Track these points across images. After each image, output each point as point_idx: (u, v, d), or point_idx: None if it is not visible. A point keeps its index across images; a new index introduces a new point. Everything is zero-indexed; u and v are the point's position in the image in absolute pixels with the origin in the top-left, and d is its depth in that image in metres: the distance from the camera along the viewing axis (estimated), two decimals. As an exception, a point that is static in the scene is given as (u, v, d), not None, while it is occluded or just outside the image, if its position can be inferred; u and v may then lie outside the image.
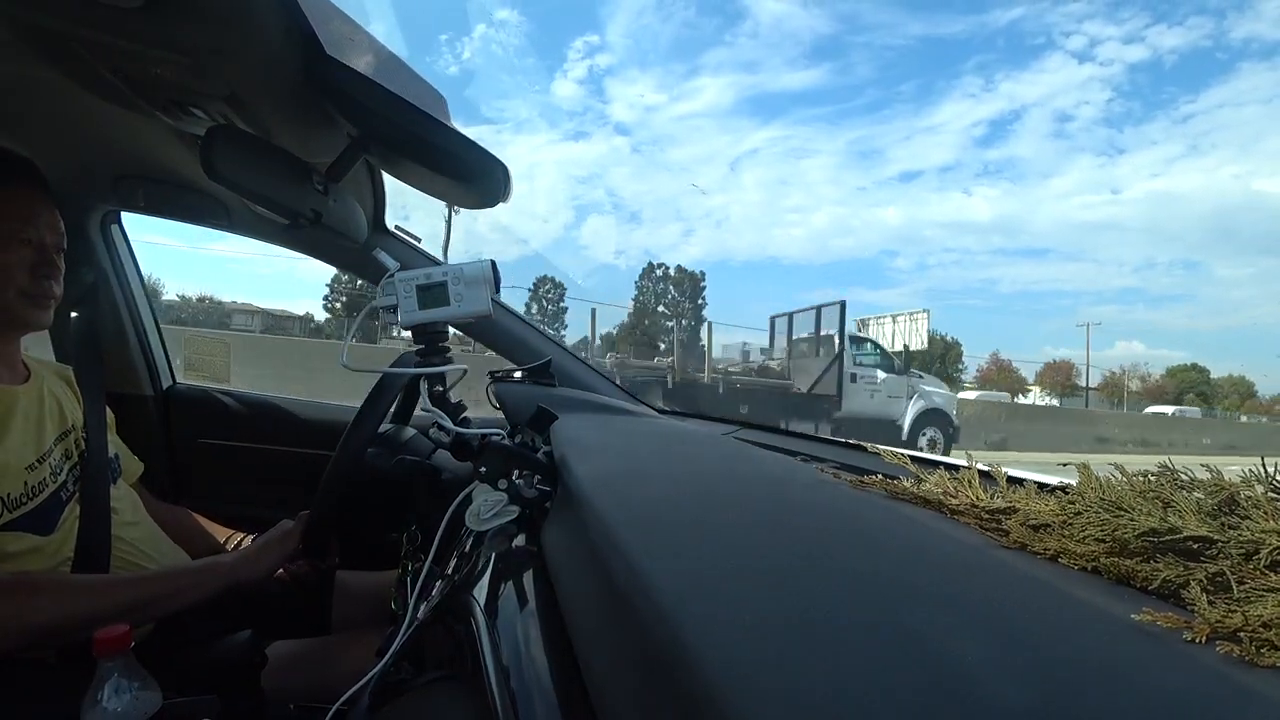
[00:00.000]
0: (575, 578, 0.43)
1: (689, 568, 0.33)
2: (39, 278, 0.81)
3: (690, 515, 0.45)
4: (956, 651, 0.25)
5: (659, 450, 0.79)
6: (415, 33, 41.45)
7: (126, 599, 0.73)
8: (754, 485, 0.60)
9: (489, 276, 0.73)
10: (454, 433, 0.70)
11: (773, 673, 0.23)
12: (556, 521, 0.57)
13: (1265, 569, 0.32)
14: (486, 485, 0.66)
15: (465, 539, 0.72)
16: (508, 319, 1.32)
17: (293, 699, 0.80)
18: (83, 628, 0.64)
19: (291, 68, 0.70)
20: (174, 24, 0.62)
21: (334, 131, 0.84)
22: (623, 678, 0.30)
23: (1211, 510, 0.37)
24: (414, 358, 0.76)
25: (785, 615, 0.27)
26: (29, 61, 0.77)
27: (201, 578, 0.80)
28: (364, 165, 1.09)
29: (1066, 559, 0.40)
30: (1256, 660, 0.27)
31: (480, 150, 0.80)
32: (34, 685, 0.68)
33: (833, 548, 0.40)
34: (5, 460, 0.74)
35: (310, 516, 0.91)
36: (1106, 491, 0.43)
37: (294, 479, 1.40)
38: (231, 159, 0.72)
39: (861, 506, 0.53)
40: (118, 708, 0.52)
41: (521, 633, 0.47)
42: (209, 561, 0.84)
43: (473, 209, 0.95)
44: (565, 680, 0.37)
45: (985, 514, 0.49)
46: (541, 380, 1.15)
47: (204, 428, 1.50)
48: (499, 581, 0.56)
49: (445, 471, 1.00)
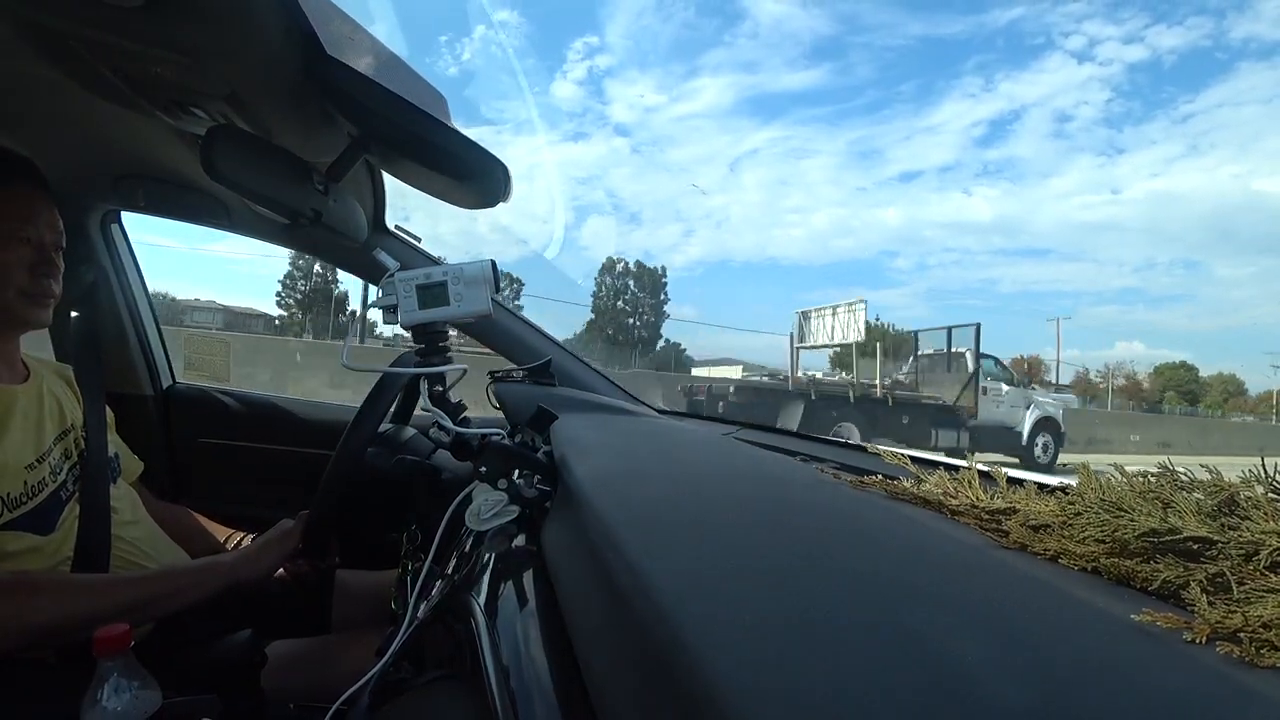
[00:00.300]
0: (575, 577, 0.43)
1: (689, 567, 0.33)
2: (38, 276, 0.81)
3: (690, 515, 0.45)
4: (956, 652, 0.25)
5: (659, 450, 0.79)
6: (415, 33, 41.39)
7: (127, 598, 0.73)
8: (754, 485, 0.60)
9: (489, 276, 0.73)
10: (454, 432, 0.70)
11: (773, 673, 0.23)
12: (556, 521, 0.57)
13: (1265, 570, 0.32)
14: (486, 485, 0.66)
15: (465, 539, 0.72)
16: (508, 319, 1.32)
17: (293, 698, 0.80)
18: (83, 627, 0.64)
19: (292, 67, 0.70)
20: (174, 24, 0.62)
21: (334, 131, 0.84)
22: (623, 678, 0.30)
23: (1211, 511, 0.37)
24: (414, 357, 0.76)
25: (785, 615, 0.27)
26: (30, 61, 0.77)
27: (202, 577, 0.80)
28: (364, 165, 1.09)
29: (1066, 559, 0.40)
30: (1256, 661, 0.27)
31: (480, 150, 0.80)
32: (34, 685, 0.68)
33: (833, 548, 0.40)
34: (4, 460, 0.74)
35: (310, 516, 0.91)
36: (1106, 492, 0.43)
37: (294, 478, 1.40)
38: (232, 158, 0.72)
39: (861, 506, 0.53)
40: (117, 707, 0.52)
41: (521, 632, 0.47)
42: (209, 561, 0.84)
43: (473, 209, 0.95)
44: (565, 680, 0.37)
45: (985, 514, 0.49)
46: (541, 380, 1.15)
47: (204, 427, 1.50)
48: (499, 581, 0.56)
49: (445, 471, 1.00)
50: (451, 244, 30.30)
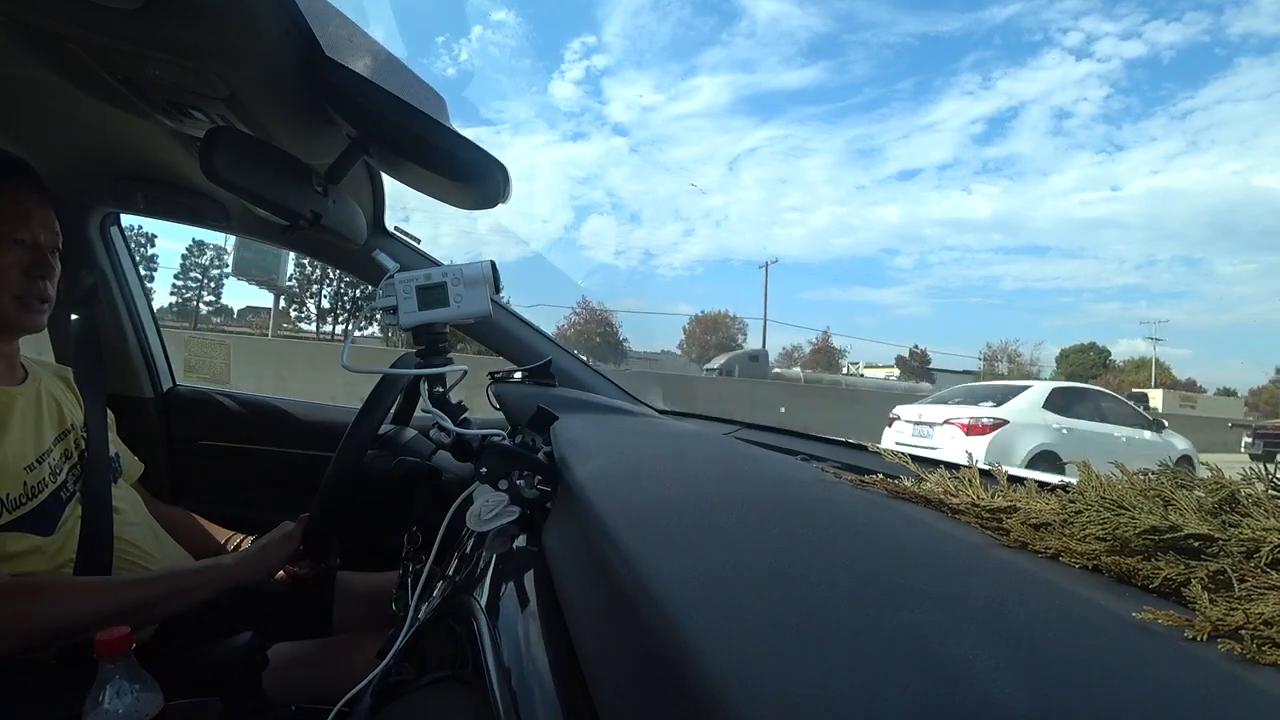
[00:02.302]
0: (576, 578, 0.43)
1: (690, 568, 0.33)
2: (33, 279, 0.80)
3: (691, 515, 0.45)
4: (957, 651, 0.25)
5: (660, 450, 0.79)
6: (412, 34, 41.47)
7: (129, 600, 0.73)
8: (755, 485, 0.60)
9: (489, 277, 0.73)
10: (454, 433, 0.70)
11: (774, 672, 0.23)
12: (557, 522, 0.56)
13: (1266, 567, 0.32)
14: (487, 486, 0.66)
15: (466, 540, 0.72)
16: (507, 319, 1.32)
17: (294, 700, 0.80)
18: (85, 629, 0.64)
19: (291, 69, 0.70)
20: (173, 26, 0.62)
21: (333, 133, 0.84)
22: (624, 678, 0.30)
23: (1212, 508, 0.37)
24: (414, 359, 0.76)
25: (787, 615, 0.27)
26: (28, 63, 0.77)
27: (204, 578, 0.80)
28: (363, 166, 1.09)
29: (1067, 558, 0.40)
30: (1258, 658, 0.27)
31: (480, 151, 0.80)
32: (35, 688, 0.68)
33: (834, 547, 0.40)
34: (3, 461, 0.74)
35: (311, 518, 0.91)
36: (1107, 490, 0.43)
37: (295, 480, 1.40)
38: (231, 161, 0.72)
39: (862, 506, 0.53)
40: (119, 709, 0.52)
41: (522, 633, 0.47)
42: (211, 563, 0.84)
43: (472, 210, 0.95)
44: (566, 681, 0.37)
45: (986, 513, 0.49)
46: (542, 380, 1.15)
47: (204, 429, 1.50)
48: (500, 582, 0.56)
49: (446, 472, 1.00)
50: (450, 244, 30.30)
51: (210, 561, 0.85)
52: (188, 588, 0.78)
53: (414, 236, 1.28)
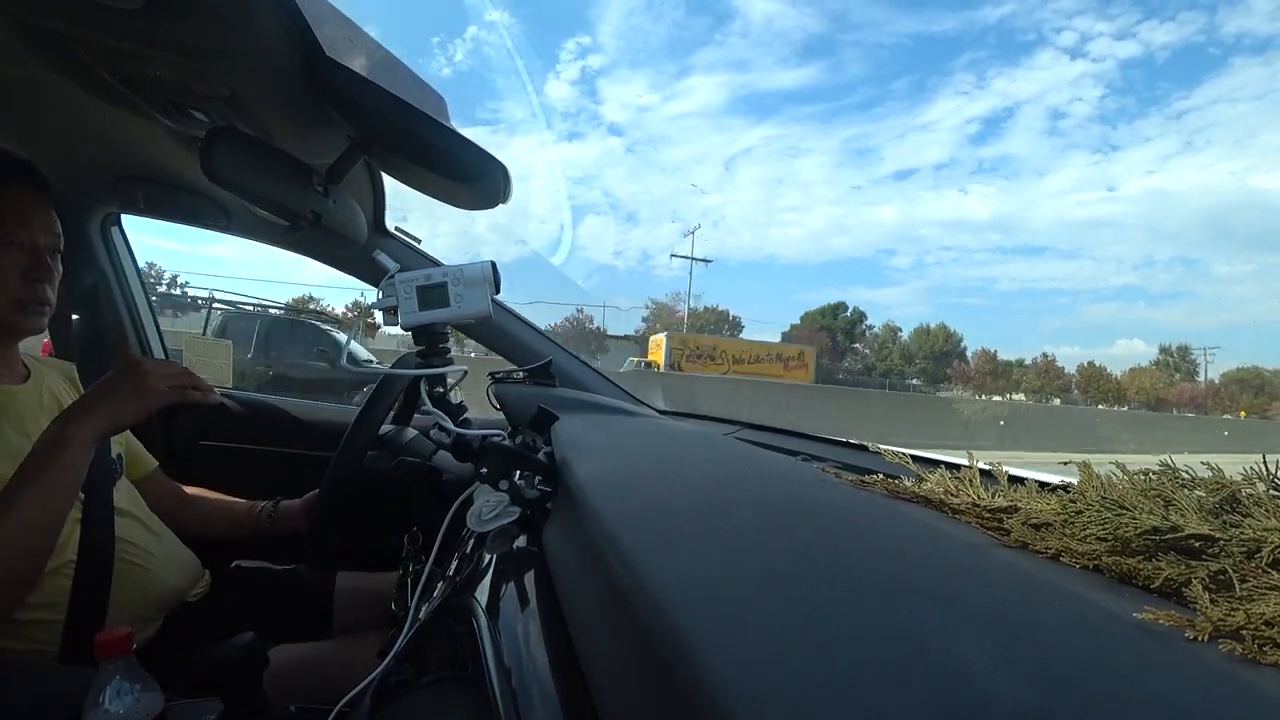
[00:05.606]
0: (576, 578, 0.43)
1: (690, 568, 0.33)
2: (31, 281, 0.80)
3: (691, 515, 0.45)
4: (958, 651, 0.24)
5: (660, 451, 0.79)
6: (409, 34, 41.22)
7: None
8: (755, 485, 0.60)
9: (489, 277, 0.73)
10: (455, 434, 0.70)
11: (774, 673, 0.22)
12: (558, 522, 0.56)
13: (1267, 567, 0.32)
14: (487, 486, 0.66)
15: (466, 540, 0.72)
16: (508, 320, 1.32)
17: (295, 701, 0.80)
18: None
19: (291, 69, 0.70)
20: (173, 26, 0.62)
21: (333, 133, 0.84)
22: (624, 679, 0.30)
23: (1213, 508, 0.37)
24: (414, 359, 0.76)
25: (786, 616, 0.27)
26: (29, 63, 0.77)
27: (47, 456, 0.68)
28: (363, 167, 1.09)
29: (1068, 558, 0.39)
30: (1259, 658, 0.27)
31: (480, 151, 0.80)
32: (35, 688, 0.68)
33: (834, 547, 0.40)
34: (3, 460, 0.73)
35: (310, 519, 0.91)
36: (1108, 490, 0.43)
37: (296, 481, 1.40)
38: (231, 161, 0.72)
39: (862, 506, 0.53)
40: (119, 710, 0.52)
41: (523, 633, 0.47)
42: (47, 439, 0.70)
43: (473, 210, 0.95)
44: (567, 681, 0.37)
45: (986, 513, 0.49)
46: (542, 381, 1.15)
47: (205, 430, 1.50)
48: (500, 582, 0.56)
49: (446, 473, 1.00)
50: (449, 245, 30.39)
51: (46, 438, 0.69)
52: (29, 467, 0.66)
53: (414, 236, 1.28)
